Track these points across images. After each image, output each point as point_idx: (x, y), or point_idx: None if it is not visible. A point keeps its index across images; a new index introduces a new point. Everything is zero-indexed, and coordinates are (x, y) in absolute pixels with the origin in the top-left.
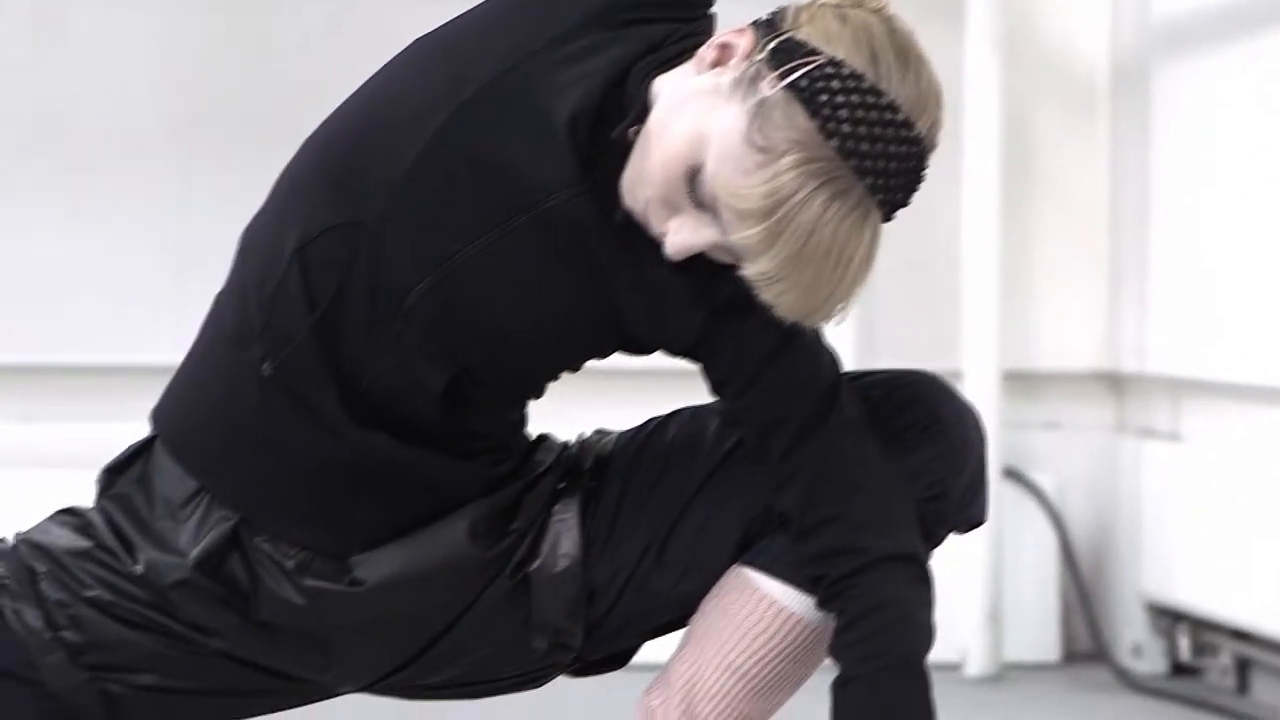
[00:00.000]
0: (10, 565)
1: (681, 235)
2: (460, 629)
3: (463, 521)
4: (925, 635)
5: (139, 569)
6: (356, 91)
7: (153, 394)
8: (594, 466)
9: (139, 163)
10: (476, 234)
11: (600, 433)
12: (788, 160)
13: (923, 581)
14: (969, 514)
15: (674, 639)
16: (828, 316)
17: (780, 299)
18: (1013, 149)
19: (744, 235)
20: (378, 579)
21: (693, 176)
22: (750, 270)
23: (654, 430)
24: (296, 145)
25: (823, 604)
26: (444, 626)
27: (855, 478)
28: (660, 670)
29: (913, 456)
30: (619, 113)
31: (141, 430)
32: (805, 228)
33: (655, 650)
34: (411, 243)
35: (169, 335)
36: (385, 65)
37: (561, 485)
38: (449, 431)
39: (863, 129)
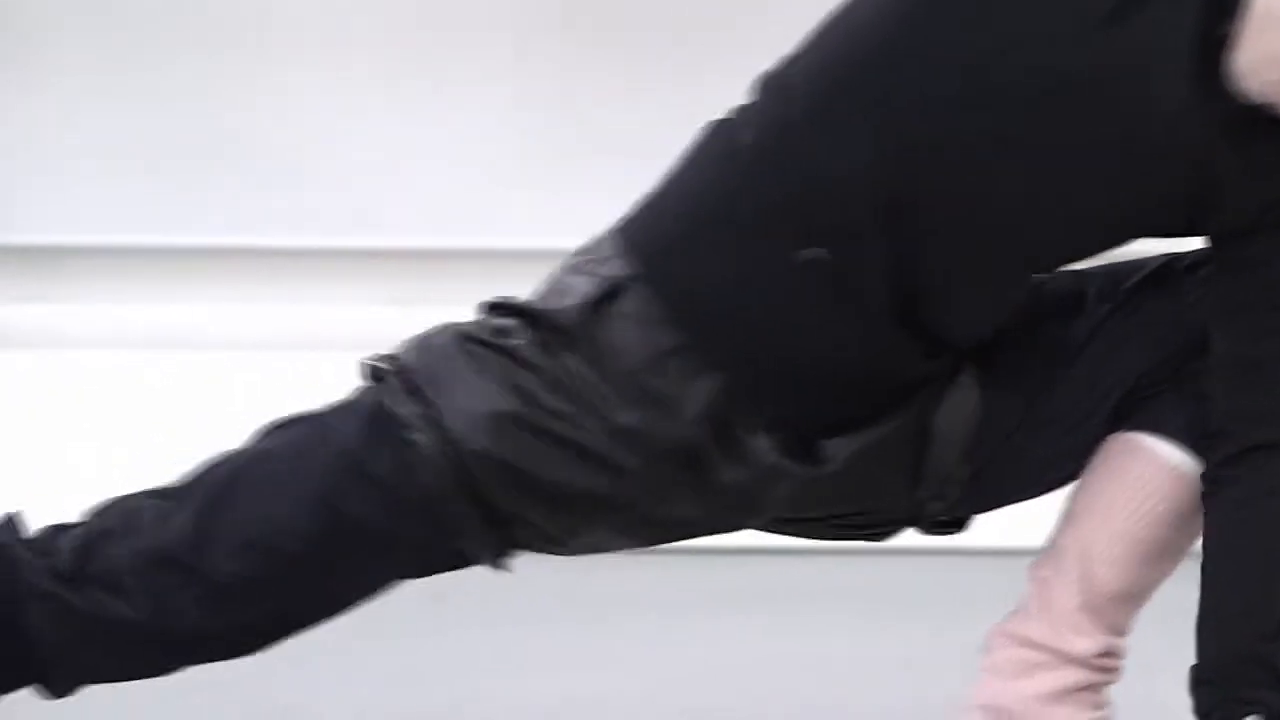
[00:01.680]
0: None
1: None
2: (855, 471)
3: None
4: None
5: (615, 420)
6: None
7: (487, 277)
8: None
9: (479, 51)
10: (1076, 153)
11: None
12: None
13: None
14: None
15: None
16: None
17: None
18: None
19: None
20: (842, 461)
21: None
22: None
23: (1032, 290)
24: (634, 38)
25: None
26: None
27: None
28: (1046, 544)
29: None
30: (1217, 12)
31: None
32: None
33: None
34: (988, 164)
35: (506, 219)
36: None
37: None
38: (971, 333)
39: None
